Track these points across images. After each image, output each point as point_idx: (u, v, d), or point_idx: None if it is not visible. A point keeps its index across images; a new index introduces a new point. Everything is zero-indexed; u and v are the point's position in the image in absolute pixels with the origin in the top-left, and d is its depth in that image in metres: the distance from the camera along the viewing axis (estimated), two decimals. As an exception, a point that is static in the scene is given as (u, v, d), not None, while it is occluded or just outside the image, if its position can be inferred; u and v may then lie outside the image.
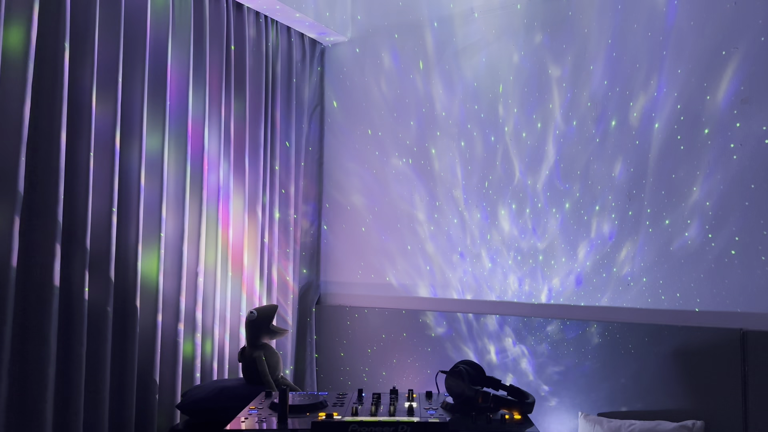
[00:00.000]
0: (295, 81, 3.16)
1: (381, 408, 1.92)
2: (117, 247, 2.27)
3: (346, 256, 3.20)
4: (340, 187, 3.25)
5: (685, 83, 2.37)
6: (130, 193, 2.33)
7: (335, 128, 3.29)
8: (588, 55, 2.58)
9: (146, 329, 2.38)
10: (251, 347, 2.43)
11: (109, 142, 2.24)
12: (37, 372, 1.97)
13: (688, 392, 2.24)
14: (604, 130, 2.53)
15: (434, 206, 2.94)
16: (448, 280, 2.88)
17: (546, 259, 2.64)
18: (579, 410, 2.44)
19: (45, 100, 2.04)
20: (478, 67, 2.85)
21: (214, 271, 2.67)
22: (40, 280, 2.01)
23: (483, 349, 2.70)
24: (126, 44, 2.33)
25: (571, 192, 2.59)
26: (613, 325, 2.40)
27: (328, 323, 3.14)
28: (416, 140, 3.00)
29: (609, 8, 2.54)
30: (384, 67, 3.12)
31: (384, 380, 2.93)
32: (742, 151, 2.25)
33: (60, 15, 2.06)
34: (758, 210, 2.21)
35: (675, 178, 2.37)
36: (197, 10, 2.61)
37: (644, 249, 2.42)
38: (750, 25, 2.26)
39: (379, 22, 3.16)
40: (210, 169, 2.67)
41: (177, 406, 2.30)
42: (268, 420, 1.79)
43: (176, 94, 2.53)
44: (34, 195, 2.02)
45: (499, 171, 2.77)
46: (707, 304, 2.29)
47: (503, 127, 2.77)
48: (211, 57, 2.69)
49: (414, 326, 2.87)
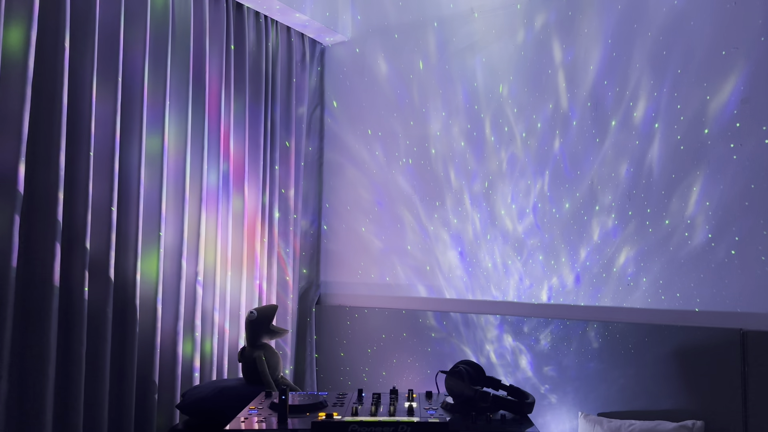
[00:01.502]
0: (295, 81, 3.16)
1: (381, 408, 1.92)
2: (117, 247, 2.27)
3: (346, 256, 3.20)
4: (340, 187, 3.25)
5: (685, 83, 2.37)
6: (130, 193, 2.33)
7: (335, 128, 3.29)
8: (588, 55, 2.58)
9: (146, 329, 2.38)
10: (251, 347, 2.43)
11: (109, 142, 2.24)
12: (37, 372, 1.97)
13: (688, 392, 2.24)
14: (604, 130, 2.53)
15: (434, 206, 2.93)
16: (448, 279, 2.88)
17: (546, 259, 2.64)
18: (579, 410, 2.44)
19: (45, 100, 2.04)
20: (478, 67, 2.85)
21: (214, 271, 2.67)
22: (40, 280, 2.01)
23: (483, 349, 2.70)
24: (126, 44, 2.34)
25: (571, 192, 2.59)
26: (613, 325, 2.40)
27: (328, 323, 3.14)
28: (416, 140, 3.00)
29: (609, 8, 2.54)
30: (384, 67, 3.12)
31: (384, 380, 2.93)
32: (742, 151, 2.25)
33: (60, 15, 2.06)
34: (758, 210, 2.21)
35: (675, 178, 2.37)
36: (197, 10, 2.62)
37: (644, 249, 2.42)
38: (750, 25, 2.26)
39: (379, 22, 3.16)
40: (210, 169, 2.67)
41: (177, 406, 2.30)
42: (268, 420, 1.79)
43: (176, 94, 2.53)
44: (34, 195, 2.02)
45: (498, 171, 2.77)
46: (707, 304, 2.29)
47: (503, 127, 2.77)
48: (211, 57, 2.69)
49: (414, 326, 2.87)
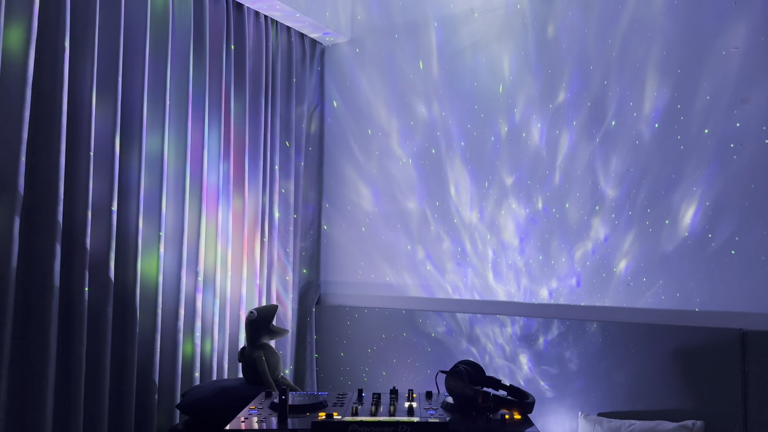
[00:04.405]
0: (295, 81, 3.16)
1: (381, 408, 1.92)
2: (117, 247, 2.27)
3: (346, 256, 3.20)
4: (340, 187, 3.25)
5: (685, 83, 2.37)
6: (130, 193, 2.33)
7: (335, 128, 3.29)
8: (588, 55, 2.58)
9: (146, 329, 2.38)
10: (251, 347, 2.43)
11: (109, 142, 2.24)
12: (37, 372, 1.97)
13: (688, 392, 2.24)
14: (604, 130, 2.53)
15: (434, 206, 2.93)
16: (448, 279, 2.88)
17: (546, 259, 2.64)
18: (579, 410, 2.44)
19: (45, 100, 2.04)
20: (478, 67, 2.85)
21: (214, 271, 2.67)
22: (40, 280, 2.01)
23: (483, 349, 2.70)
24: (126, 44, 2.34)
25: (571, 192, 2.59)
26: (613, 325, 2.40)
27: (328, 323, 3.14)
28: (416, 140, 3.00)
29: (609, 8, 2.54)
30: (384, 67, 3.12)
31: (384, 380, 2.93)
32: (742, 151, 2.25)
33: (60, 15, 2.06)
34: (758, 210, 2.21)
35: (675, 178, 2.37)
36: (197, 10, 2.62)
37: (644, 249, 2.42)
38: (750, 25, 2.26)
39: (379, 22, 3.16)
40: (210, 169, 2.67)
41: (177, 406, 2.30)
42: (268, 420, 1.79)
43: (176, 94, 2.53)
44: (34, 195, 2.02)
45: (499, 171, 2.77)
46: (707, 304, 2.29)
47: (503, 127, 2.77)
48: (211, 57, 2.69)
49: (414, 326, 2.87)
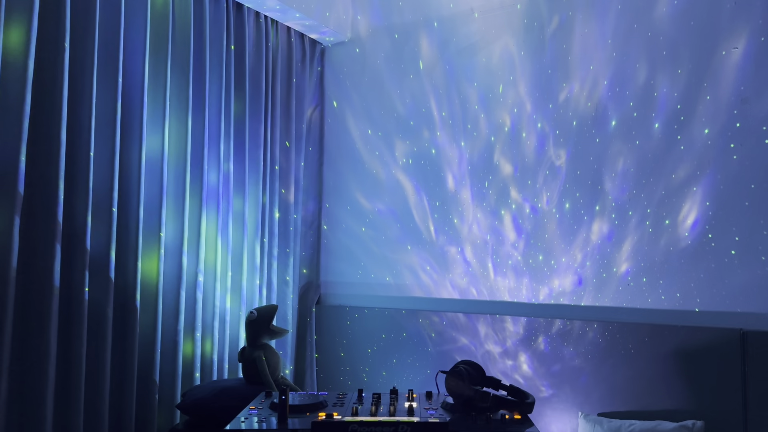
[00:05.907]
0: (295, 81, 3.16)
1: (381, 408, 1.92)
2: (117, 247, 2.27)
3: (346, 256, 3.20)
4: (340, 187, 3.25)
5: (685, 83, 2.37)
6: (130, 193, 2.33)
7: (335, 128, 3.29)
8: (588, 55, 2.58)
9: (146, 329, 2.38)
10: (251, 347, 2.43)
11: (109, 142, 2.24)
12: (37, 372, 1.97)
13: (688, 392, 2.24)
14: (604, 130, 2.53)
15: (434, 206, 2.94)
16: (448, 279, 2.88)
17: (546, 259, 2.64)
18: (579, 410, 2.44)
19: (45, 100, 2.04)
20: (478, 67, 2.85)
21: (214, 271, 2.67)
22: (40, 281, 2.01)
23: (483, 349, 2.70)
24: (126, 44, 2.34)
25: (571, 192, 2.59)
26: (613, 325, 2.40)
27: (328, 323, 3.14)
28: (416, 140, 3.00)
29: (609, 8, 2.54)
30: (384, 67, 3.12)
31: (384, 380, 2.93)
32: (742, 151, 2.25)
33: (60, 15, 2.06)
34: (758, 210, 2.21)
35: (675, 178, 2.37)
36: (197, 10, 2.62)
37: (644, 249, 2.42)
38: (750, 25, 2.26)
39: (379, 22, 3.16)
40: (210, 169, 2.67)
41: (177, 406, 2.30)
42: (268, 420, 1.79)
43: (176, 94, 2.53)
44: (34, 195, 2.02)
45: (499, 171, 2.77)
46: (707, 304, 2.29)
47: (503, 127, 2.77)
48: (211, 57, 2.69)
49: (414, 326, 2.87)
